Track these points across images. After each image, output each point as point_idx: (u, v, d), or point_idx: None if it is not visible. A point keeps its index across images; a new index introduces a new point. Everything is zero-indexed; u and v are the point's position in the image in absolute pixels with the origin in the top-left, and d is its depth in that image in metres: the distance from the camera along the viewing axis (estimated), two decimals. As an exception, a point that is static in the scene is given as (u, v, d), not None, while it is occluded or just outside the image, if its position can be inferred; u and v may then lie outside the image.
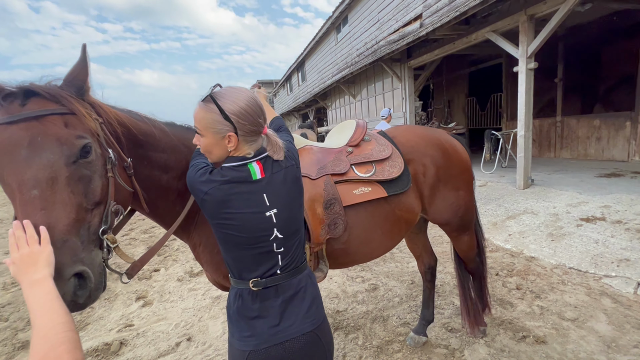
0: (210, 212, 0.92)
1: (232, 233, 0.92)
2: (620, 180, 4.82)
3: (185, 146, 1.29)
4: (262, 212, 0.92)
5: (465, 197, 1.76)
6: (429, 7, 6.09)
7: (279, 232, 0.94)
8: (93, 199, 0.91)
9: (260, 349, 0.91)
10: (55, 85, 0.95)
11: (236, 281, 0.98)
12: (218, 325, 2.60)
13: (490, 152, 7.06)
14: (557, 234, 3.47)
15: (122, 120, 1.10)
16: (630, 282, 2.57)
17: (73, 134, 0.89)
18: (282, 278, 0.96)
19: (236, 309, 0.96)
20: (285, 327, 0.93)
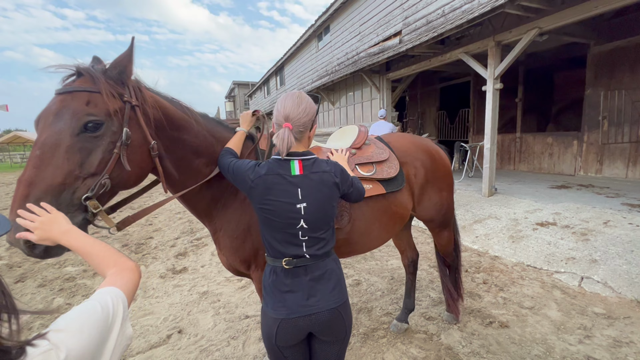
0: (255, 198, 1.09)
1: (270, 217, 1.08)
2: (568, 191, 5.46)
3: (213, 137, 1.44)
4: (294, 203, 1.07)
5: (448, 197, 2.02)
6: (409, 25, 6.54)
7: (305, 223, 1.09)
8: (88, 170, 1.01)
9: (290, 318, 1.08)
10: (100, 68, 1.10)
11: (272, 259, 1.14)
12: (208, 319, 2.66)
13: (459, 162, 7.63)
14: (516, 236, 3.90)
15: (161, 105, 1.25)
16: (576, 277, 3.00)
17: (85, 110, 1.01)
18: (309, 260, 1.12)
19: (271, 283, 1.12)
20: (312, 302, 1.10)
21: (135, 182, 1.18)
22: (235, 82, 28.82)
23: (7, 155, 31.34)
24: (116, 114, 1.06)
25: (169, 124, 1.26)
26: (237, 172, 1.15)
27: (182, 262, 3.90)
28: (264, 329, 1.13)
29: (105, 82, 1.05)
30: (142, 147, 1.14)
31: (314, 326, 1.11)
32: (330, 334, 1.15)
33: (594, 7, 3.94)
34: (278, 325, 1.08)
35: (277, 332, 1.09)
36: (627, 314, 2.45)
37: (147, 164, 1.18)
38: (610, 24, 6.25)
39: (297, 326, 1.09)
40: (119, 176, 1.08)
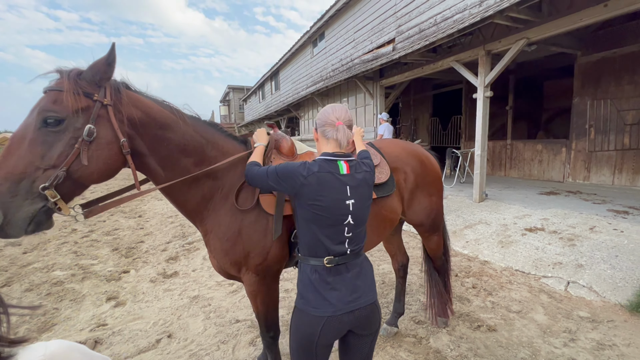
0: (307, 195, 1.14)
1: (321, 213, 1.13)
2: (557, 197, 5.56)
3: (203, 138, 1.48)
4: (344, 199, 1.15)
5: (437, 202, 2.07)
6: (402, 33, 6.66)
7: (352, 219, 1.16)
8: (49, 162, 1.08)
9: (336, 315, 1.12)
10: (77, 70, 1.17)
11: (313, 259, 1.17)
12: (198, 323, 2.65)
13: (451, 168, 7.73)
14: (506, 241, 3.96)
15: (144, 104, 1.30)
16: (562, 282, 3.06)
17: (48, 107, 1.10)
18: (350, 257, 1.18)
19: (313, 281, 1.15)
20: (355, 298, 1.15)
21: (101, 176, 1.21)
22: (230, 86, 28.84)
23: (-4, 157, 30.80)
24: (80, 111, 1.13)
25: (153, 123, 1.31)
26: (285, 172, 1.18)
27: (173, 267, 3.88)
28: (303, 328, 1.14)
29: (72, 82, 1.12)
30: (110, 144, 1.19)
31: (356, 321, 1.15)
32: (368, 327, 1.20)
33: (579, 19, 4.07)
34: (323, 323, 1.11)
35: (322, 330, 1.11)
36: (611, 318, 2.50)
37: (115, 160, 1.21)
38: (596, 35, 6.45)
39: (342, 322, 1.13)
40: (79, 170, 1.13)
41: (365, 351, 1.23)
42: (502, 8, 4.13)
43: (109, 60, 1.18)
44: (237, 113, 28.49)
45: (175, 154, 1.38)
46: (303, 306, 1.16)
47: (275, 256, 1.51)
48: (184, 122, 1.41)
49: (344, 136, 1.18)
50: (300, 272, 1.22)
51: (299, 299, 1.18)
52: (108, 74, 1.20)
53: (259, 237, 1.48)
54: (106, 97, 1.18)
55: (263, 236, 1.48)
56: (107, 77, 1.21)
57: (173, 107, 1.42)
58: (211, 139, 1.50)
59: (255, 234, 1.47)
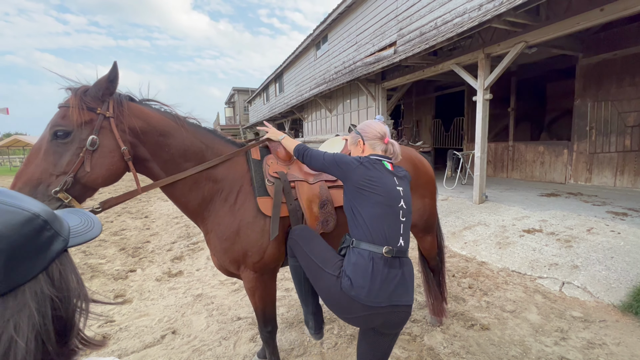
0: (361, 174, 1.32)
1: (373, 192, 1.29)
2: (557, 199, 5.59)
3: (203, 143, 1.60)
4: (394, 184, 1.35)
5: (430, 204, 2.15)
6: (403, 37, 6.74)
7: (404, 203, 1.33)
8: (60, 169, 1.24)
9: (382, 306, 1.18)
10: (83, 88, 1.32)
11: (371, 245, 1.24)
12: (202, 320, 2.75)
13: (452, 170, 7.78)
14: (503, 242, 4.02)
15: (145, 114, 1.44)
16: (557, 282, 3.11)
17: (58, 122, 1.26)
18: (403, 252, 1.27)
19: (370, 270, 1.20)
20: (398, 295, 1.21)
21: (105, 181, 1.35)
22: (235, 88, 29.09)
23: (7, 159, 31.39)
24: (85, 124, 1.28)
25: (154, 131, 1.44)
26: (343, 158, 1.40)
27: (178, 266, 4.00)
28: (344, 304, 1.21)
29: (78, 98, 1.29)
30: (113, 152, 1.33)
31: (395, 319, 1.22)
32: (397, 327, 1.27)
33: (576, 23, 4.12)
34: (370, 311, 1.18)
35: (362, 316, 1.19)
36: (603, 318, 2.56)
37: (117, 166, 1.36)
38: (597, 37, 6.46)
39: (384, 315, 1.19)
40: (85, 175, 1.28)
41: (384, 348, 1.29)
42: (500, 12, 4.19)
43: (111, 78, 1.32)
44: (242, 115, 28.73)
45: (176, 158, 1.51)
46: (349, 289, 1.19)
47: (271, 255, 1.61)
48: (184, 128, 1.53)
49: (397, 150, 1.50)
50: (354, 255, 1.24)
51: (345, 281, 1.21)
52: (110, 89, 1.34)
53: (256, 237, 1.58)
54: (109, 110, 1.32)
55: (260, 236, 1.58)
56: (109, 92, 1.34)
57: (175, 115, 1.54)
58: (210, 144, 1.62)
59: (253, 234, 1.57)
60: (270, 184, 1.62)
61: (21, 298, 0.41)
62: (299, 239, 1.46)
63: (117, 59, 1.34)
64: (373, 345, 1.30)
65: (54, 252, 0.46)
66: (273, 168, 1.67)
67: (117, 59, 1.34)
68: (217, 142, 1.66)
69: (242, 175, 1.66)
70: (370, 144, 1.45)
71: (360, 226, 1.28)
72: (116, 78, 1.33)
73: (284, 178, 1.64)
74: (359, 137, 1.49)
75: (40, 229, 0.45)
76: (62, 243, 0.48)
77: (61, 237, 0.48)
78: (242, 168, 1.68)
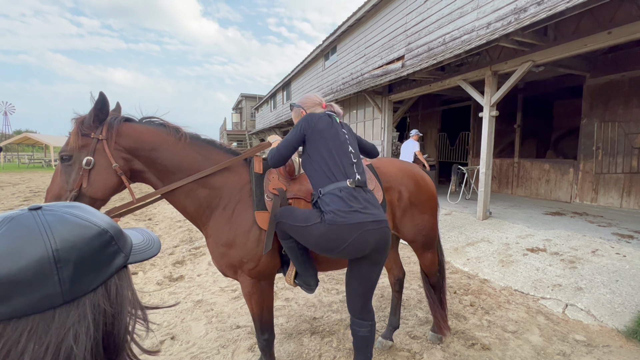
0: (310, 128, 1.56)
1: (328, 141, 1.53)
2: (562, 218, 5.55)
3: (199, 153, 1.70)
4: (339, 131, 1.61)
5: (430, 220, 2.15)
6: (411, 51, 6.83)
7: (351, 148, 1.59)
8: (70, 186, 1.49)
9: (365, 221, 1.40)
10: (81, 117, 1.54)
11: (334, 184, 1.48)
12: (201, 327, 2.75)
13: (456, 184, 7.76)
14: (507, 260, 3.98)
15: (136, 132, 1.59)
16: (560, 304, 3.07)
17: (62, 149, 1.52)
18: (364, 183, 1.53)
19: (343, 197, 1.44)
20: (374, 212, 1.45)
21: (104, 193, 1.54)
22: (243, 94, 29.45)
23: (16, 156, 31.87)
24: (82, 148, 1.49)
25: (144, 146, 1.59)
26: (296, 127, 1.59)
27: (179, 270, 4.01)
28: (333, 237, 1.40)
29: (76, 127, 1.51)
30: (107, 168, 1.52)
31: (376, 236, 1.42)
32: (384, 251, 1.49)
33: (584, 44, 4.16)
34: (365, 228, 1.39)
35: (354, 240, 1.38)
36: (607, 343, 2.51)
37: (112, 181, 1.54)
38: (605, 59, 6.49)
39: (366, 232, 1.39)
40: (87, 190, 1.49)
41: (374, 278, 1.52)
42: (508, 32, 4.25)
43: (98, 107, 1.50)
44: (249, 121, 29.00)
45: (170, 169, 1.64)
46: (334, 219, 1.39)
47: (266, 264, 1.68)
48: (179, 141, 1.65)
49: (339, 109, 1.78)
50: (327, 197, 1.46)
51: (329, 216, 1.41)
52: (100, 116, 1.52)
53: (251, 246, 1.65)
54: (102, 134, 1.51)
55: (256, 245, 1.65)
56: (100, 119, 1.52)
57: (171, 129, 1.66)
58: (207, 154, 1.72)
59: (249, 243, 1.65)
60: (269, 200, 1.69)
61: (82, 309, 0.43)
62: (282, 218, 1.57)
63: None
64: (362, 278, 1.50)
65: (114, 267, 0.49)
66: (273, 184, 1.73)
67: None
68: (215, 152, 1.76)
69: (243, 186, 1.74)
70: (312, 110, 1.70)
71: (321, 172, 1.50)
72: (104, 106, 1.51)
73: (282, 195, 1.70)
74: (300, 108, 1.74)
75: (106, 244, 0.48)
76: (123, 259, 0.51)
77: (123, 254, 0.51)
78: (243, 179, 1.76)
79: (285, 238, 1.62)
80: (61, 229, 0.44)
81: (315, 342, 2.51)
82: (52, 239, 0.43)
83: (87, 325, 0.43)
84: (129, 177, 1.61)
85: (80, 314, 0.43)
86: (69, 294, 0.42)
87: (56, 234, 0.43)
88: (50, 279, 0.41)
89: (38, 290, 0.41)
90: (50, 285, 0.41)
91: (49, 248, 0.42)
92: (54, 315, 0.41)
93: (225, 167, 1.71)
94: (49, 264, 0.41)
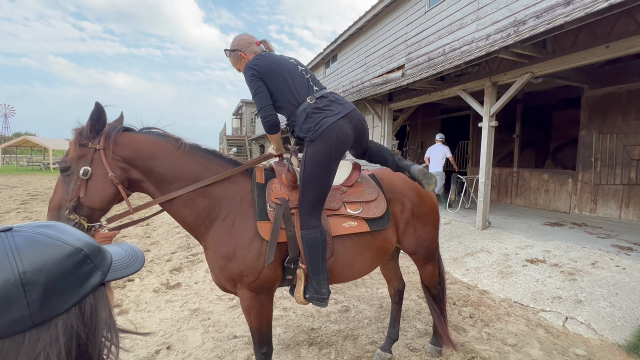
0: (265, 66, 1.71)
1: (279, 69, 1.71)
2: (561, 229, 5.54)
3: (199, 163, 1.68)
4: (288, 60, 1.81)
5: (432, 232, 2.15)
6: (411, 61, 6.90)
7: (303, 69, 1.82)
8: (70, 196, 1.49)
9: (342, 115, 1.67)
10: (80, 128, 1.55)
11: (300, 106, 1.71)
12: (197, 336, 2.71)
13: (456, 193, 7.76)
14: (506, 271, 3.96)
15: (134, 142, 1.60)
16: (560, 317, 3.05)
17: (61, 160, 1.54)
18: (322, 93, 1.76)
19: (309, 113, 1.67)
20: (339, 110, 1.68)
21: (102, 203, 1.53)
22: (244, 100, 29.58)
23: (15, 158, 31.80)
24: (79, 158, 1.51)
25: (142, 155, 1.58)
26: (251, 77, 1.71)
27: (177, 278, 3.97)
28: (338, 135, 1.64)
29: (75, 137, 1.52)
30: (104, 178, 1.52)
31: (358, 124, 1.75)
32: (365, 134, 1.87)
33: (582, 58, 4.21)
34: (346, 121, 1.67)
35: (349, 134, 1.68)
36: (607, 357, 2.49)
37: (108, 191, 1.54)
38: (602, 71, 6.57)
39: (350, 122, 1.70)
40: (85, 200, 1.50)
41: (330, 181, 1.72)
42: (507, 44, 4.30)
43: (94, 117, 1.51)
44: (249, 126, 29.09)
45: (168, 178, 1.62)
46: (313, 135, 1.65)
47: (267, 277, 1.64)
48: (177, 150, 1.64)
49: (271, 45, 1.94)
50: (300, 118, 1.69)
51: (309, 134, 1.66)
52: (97, 127, 1.53)
53: (252, 259, 1.60)
54: (99, 144, 1.52)
55: (256, 258, 1.61)
56: (97, 129, 1.53)
57: (171, 138, 1.66)
58: (207, 164, 1.69)
59: (249, 255, 1.61)
60: (272, 209, 1.66)
61: (54, 331, 0.42)
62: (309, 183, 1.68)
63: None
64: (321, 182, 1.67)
65: (89, 286, 0.48)
66: (275, 194, 1.70)
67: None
68: (215, 162, 1.73)
69: (244, 197, 1.70)
70: (249, 50, 1.82)
71: (287, 100, 1.70)
72: (100, 116, 1.52)
73: (285, 205, 1.67)
74: (238, 51, 1.83)
75: (80, 263, 0.47)
76: (99, 277, 0.50)
77: (99, 272, 0.50)
78: (244, 189, 1.72)
79: (311, 227, 1.62)
80: (30, 251, 0.43)
81: (313, 353, 2.48)
82: (19, 262, 0.41)
83: (58, 348, 0.42)
84: (126, 186, 1.60)
85: (52, 337, 0.42)
86: (38, 316, 0.41)
87: (24, 256, 0.42)
88: (18, 302, 0.40)
89: (5, 314, 0.39)
90: (18, 308, 0.40)
91: (15, 271, 0.41)
92: (23, 339, 0.40)
93: (226, 177, 1.69)
94: (15, 287, 0.40)
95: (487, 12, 5.25)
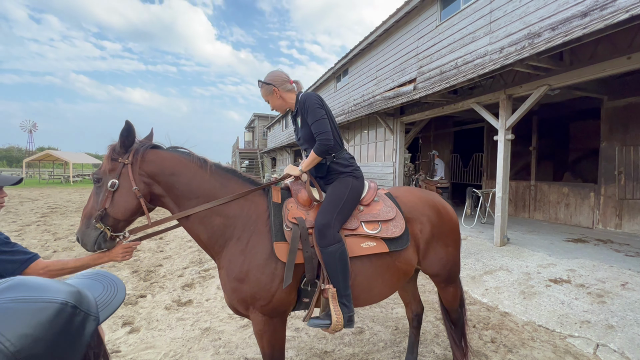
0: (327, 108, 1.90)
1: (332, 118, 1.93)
2: (585, 246, 5.28)
3: (217, 181, 1.70)
4: None
5: (454, 253, 2.05)
6: (423, 74, 6.88)
7: None
8: (99, 205, 1.59)
9: None
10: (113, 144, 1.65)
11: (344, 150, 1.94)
12: (208, 358, 2.65)
13: (471, 207, 7.56)
14: (528, 292, 3.77)
15: (159, 158, 1.66)
16: (591, 343, 2.85)
17: (95, 172, 1.66)
18: None
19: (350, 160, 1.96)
20: None
21: (125, 214, 1.60)
22: (256, 114, 30.13)
23: (37, 172, 33.03)
24: (110, 171, 1.61)
25: (165, 172, 1.64)
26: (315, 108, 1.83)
27: (188, 294, 3.94)
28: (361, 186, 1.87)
29: (108, 152, 1.63)
30: (128, 191, 1.60)
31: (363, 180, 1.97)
32: None
33: (602, 69, 4.09)
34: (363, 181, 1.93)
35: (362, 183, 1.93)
36: (646, 391, 2.29)
37: (131, 203, 1.60)
38: (622, 81, 6.38)
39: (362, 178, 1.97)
40: (111, 210, 1.58)
41: None
42: (523, 57, 4.23)
43: (124, 134, 1.61)
44: (261, 140, 29.49)
45: (187, 194, 1.65)
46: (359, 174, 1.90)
47: (280, 300, 1.58)
48: (199, 168, 1.69)
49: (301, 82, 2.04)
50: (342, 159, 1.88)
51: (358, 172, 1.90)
52: (126, 143, 1.62)
53: (266, 281, 1.56)
54: (128, 159, 1.61)
55: (270, 280, 1.56)
56: (127, 145, 1.62)
57: (195, 157, 1.71)
58: (226, 183, 1.71)
59: (263, 277, 1.56)
60: (288, 230, 1.61)
61: None
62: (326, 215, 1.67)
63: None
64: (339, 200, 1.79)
65: (88, 335, 0.44)
66: (292, 213, 1.66)
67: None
68: (234, 181, 1.75)
69: (259, 216, 1.67)
70: (283, 88, 1.89)
71: (335, 139, 1.85)
72: (129, 133, 1.61)
73: (302, 224, 1.63)
74: (272, 86, 1.88)
75: (71, 316, 0.43)
76: (93, 323, 0.46)
77: (92, 316, 0.46)
78: (260, 209, 1.69)
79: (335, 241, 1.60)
80: (11, 324, 0.37)
81: (326, 379, 2.37)
82: (6, 341, 0.36)
83: None
84: (149, 200, 1.66)
85: None
86: None
87: (7, 333, 0.36)
88: None
89: None
90: None
91: (7, 352, 0.36)
92: None
93: (242, 196, 1.68)
94: None
95: (500, 25, 5.21)
